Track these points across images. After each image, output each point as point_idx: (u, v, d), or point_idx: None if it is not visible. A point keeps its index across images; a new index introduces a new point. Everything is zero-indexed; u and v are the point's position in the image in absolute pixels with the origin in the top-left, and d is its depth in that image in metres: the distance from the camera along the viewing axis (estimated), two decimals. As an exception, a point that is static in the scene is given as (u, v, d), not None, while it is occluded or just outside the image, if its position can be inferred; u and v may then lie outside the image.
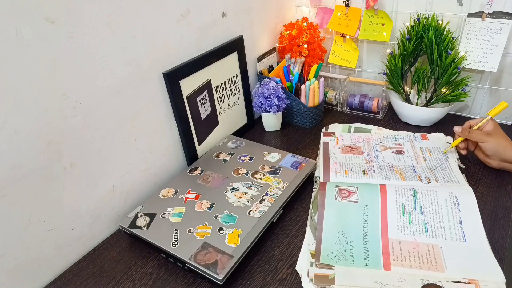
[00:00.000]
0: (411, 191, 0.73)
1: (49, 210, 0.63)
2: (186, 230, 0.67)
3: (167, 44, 0.77)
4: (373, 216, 0.70)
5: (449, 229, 0.66)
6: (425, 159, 0.85)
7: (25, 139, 0.56)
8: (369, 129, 1.00)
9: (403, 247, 0.64)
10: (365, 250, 0.64)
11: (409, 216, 0.69)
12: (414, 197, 0.72)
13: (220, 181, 0.79)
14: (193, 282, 0.63)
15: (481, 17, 0.92)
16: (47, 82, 0.57)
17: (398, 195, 0.73)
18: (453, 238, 0.65)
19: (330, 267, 0.62)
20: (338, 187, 0.76)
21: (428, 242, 0.64)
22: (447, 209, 0.69)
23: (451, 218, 0.68)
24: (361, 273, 0.60)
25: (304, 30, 1.08)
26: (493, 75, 0.98)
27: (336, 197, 0.74)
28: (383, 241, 0.65)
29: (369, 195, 0.74)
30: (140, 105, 0.74)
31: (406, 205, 0.71)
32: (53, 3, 0.55)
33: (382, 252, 0.63)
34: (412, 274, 0.59)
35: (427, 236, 0.65)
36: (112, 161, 0.72)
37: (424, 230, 0.66)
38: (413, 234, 0.66)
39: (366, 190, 0.75)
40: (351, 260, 0.63)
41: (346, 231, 0.68)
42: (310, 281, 0.60)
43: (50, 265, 0.65)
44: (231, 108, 0.99)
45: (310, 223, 0.72)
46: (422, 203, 0.71)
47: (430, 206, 0.70)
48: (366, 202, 0.72)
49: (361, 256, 0.63)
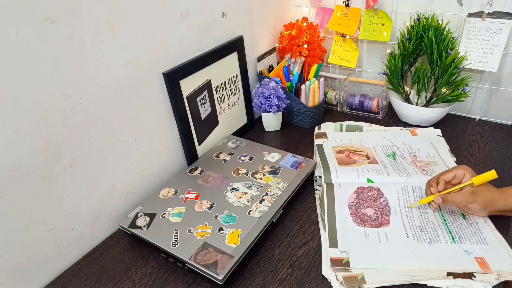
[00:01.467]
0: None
1: (49, 210, 0.63)
2: (186, 230, 0.67)
3: (167, 44, 0.77)
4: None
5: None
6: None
7: (25, 139, 0.56)
8: (360, 126, 1.01)
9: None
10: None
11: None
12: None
13: (220, 181, 0.79)
14: (193, 282, 0.63)
15: (481, 17, 0.92)
16: (47, 82, 0.57)
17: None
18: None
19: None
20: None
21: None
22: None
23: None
24: (388, 270, 0.61)
25: (304, 30, 1.08)
26: (493, 75, 0.98)
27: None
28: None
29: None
30: (140, 105, 0.74)
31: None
32: (53, 3, 0.55)
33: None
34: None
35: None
36: (112, 161, 0.72)
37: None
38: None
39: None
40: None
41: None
42: (341, 284, 0.59)
43: (50, 265, 0.65)
44: (231, 108, 0.99)
45: (322, 225, 0.71)
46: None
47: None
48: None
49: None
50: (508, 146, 0.91)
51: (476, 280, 0.57)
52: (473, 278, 0.58)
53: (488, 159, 0.87)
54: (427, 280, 0.58)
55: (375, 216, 0.71)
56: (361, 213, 0.72)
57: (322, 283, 0.61)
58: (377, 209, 0.72)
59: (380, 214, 0.71)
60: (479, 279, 0.57)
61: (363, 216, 0.71)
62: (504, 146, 0.91)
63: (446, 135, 0.95)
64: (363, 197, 0.75)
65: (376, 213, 0.72)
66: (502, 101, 1.01)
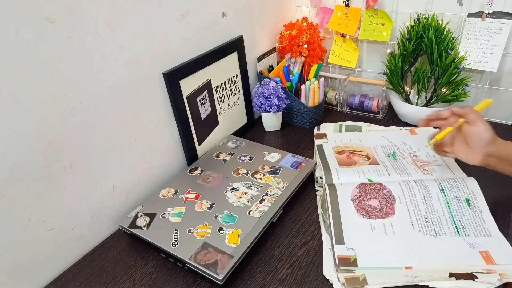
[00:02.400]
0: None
1: (49, 210, 0.63)
2: (186, 230, 0.67)
3: (167, 44, 0.77)
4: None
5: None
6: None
7: (25, 139, 0.56)
8: (360, 126, 1.01)
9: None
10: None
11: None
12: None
13: (220, 181, 0.79)
14: (193, 282, 0.63)
15: (481, 17, 0.92)
16: (47, 82, 0.57)
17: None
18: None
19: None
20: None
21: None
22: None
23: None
24: (390, 270, 0.61)
25: (304, 30, 1.08)
26: (493, 75, 0.98)
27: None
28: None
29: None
30: (140, 105, 0.74)
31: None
32: (53, 3, 0.55)
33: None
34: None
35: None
36: (112, 161, 0.72)
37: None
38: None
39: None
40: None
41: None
42: (343, 285, 0.59)
43: (50, 265, 0.65)
44: (231, 108, 0.99)
45: (324, 226, 0.71)
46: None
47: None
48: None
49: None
50: (508, 146, 0.91)
51: (478, 282, 0.57)
52: (475, 279, 0.58)
53: (488, 159, 0.86)
54: (429, 281, 0.58)
55: (380, 207, 0.70)
56: (365, 205, 0.71)
57: (322, 283, 0.61)
58: (381, 200, 0.72)
59: (385, 204, 0.71)
60: (482, 280, 0.57)
61: (368, 208, 0.70)
62: (504, 146, 0.91)
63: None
64: (365, 190, 0.74)
65: (381, 203, 0.71)
66: (502, 101, 1.01)
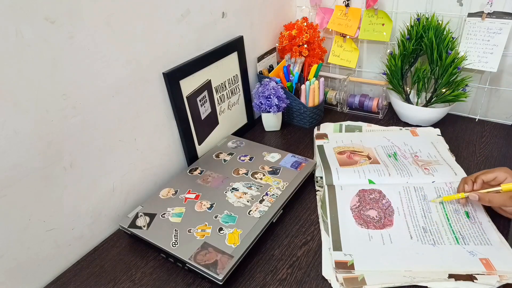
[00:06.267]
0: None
1: (49, 210, 0.63)
2: (186, 230, 0.67)
3: (167, 44, 0.77)
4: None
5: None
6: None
7: (25, 139, 0.56)
8: (360, 126, 1.01)
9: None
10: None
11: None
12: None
13: (220, 181, 0.79)
14: (193, 282, 0.63)
15: (481, 17, 0.92)
16: (47, 82, 0.57)
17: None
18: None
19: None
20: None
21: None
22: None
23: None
24: (389, 270, 0.61)
25: (304, 30, 1.08)
26: (493, 75, 0.98)
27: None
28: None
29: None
30: (140, 105, 0.74)
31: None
32: (53, 3, 0.55)
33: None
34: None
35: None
36: (112, 161, 0.72)
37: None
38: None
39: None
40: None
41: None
42: (341, 286, 0.59)
43: (50, 265, 0.65)
44: (231, 108, 0.99)
45: (324, 226, 0.71)
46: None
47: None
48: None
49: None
50: (508, 146, 0.91)
51: (478, 283, 0.57)
52: (474, 280, 0.57)
53: (488, 159, 0.87)
54: (428, 282, 0.58)
55: (378, 217, 0.71)
56: (364, 215, 0.71)
57: (322, 283, 0.61)
58: (380, 210, 0.72)
59: (383, 215, 0.71)
60: (481, 282, 0.57)
61: (366, 218, 0.71)
62: (504, 146, 0.91)
63: (446, 135, 0.95)
64: (365, 200, 0.75)
65: (379, 214, 0.71)
66: (502, 101, 1.01)
